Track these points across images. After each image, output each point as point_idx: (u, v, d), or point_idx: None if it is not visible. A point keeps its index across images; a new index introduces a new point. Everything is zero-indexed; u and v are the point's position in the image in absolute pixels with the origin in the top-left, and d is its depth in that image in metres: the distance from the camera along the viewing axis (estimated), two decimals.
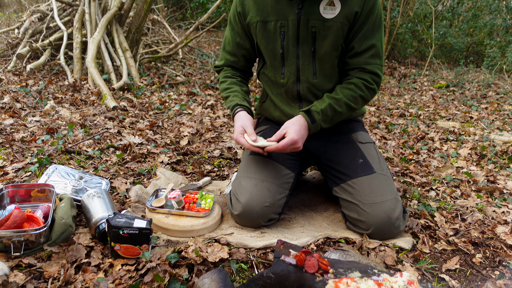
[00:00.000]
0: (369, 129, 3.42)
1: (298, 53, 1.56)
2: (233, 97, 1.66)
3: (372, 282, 1.01)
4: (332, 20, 1.47)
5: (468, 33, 9.09)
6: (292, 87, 1.64)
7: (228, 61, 1.76)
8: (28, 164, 1.94)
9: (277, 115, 1.76)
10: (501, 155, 2.78)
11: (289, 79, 1.62)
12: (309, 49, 1.55)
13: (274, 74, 1.66)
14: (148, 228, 1.29)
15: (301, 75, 1.60)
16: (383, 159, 1.69)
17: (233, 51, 1.72)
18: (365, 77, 1.54)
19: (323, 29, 1.49)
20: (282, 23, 1.53)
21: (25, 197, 1.54)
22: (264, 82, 1.76)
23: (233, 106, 1.63)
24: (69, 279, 1.17)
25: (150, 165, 2.15)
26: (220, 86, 1.75)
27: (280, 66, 1.62)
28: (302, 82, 1.61)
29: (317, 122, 1.52)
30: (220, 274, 1.11)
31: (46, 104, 3.05)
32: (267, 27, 1.56)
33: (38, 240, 1.29)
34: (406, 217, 1.59)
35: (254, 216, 1.52)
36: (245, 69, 1.79)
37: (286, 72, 1.61)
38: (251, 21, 1.58)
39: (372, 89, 1.56)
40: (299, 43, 1.54)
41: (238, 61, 1.75)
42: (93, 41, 3.93)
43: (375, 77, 1.55)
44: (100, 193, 1.52)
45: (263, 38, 1.59)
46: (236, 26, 1.66)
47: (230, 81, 1.73)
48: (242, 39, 1.68)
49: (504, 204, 1.97)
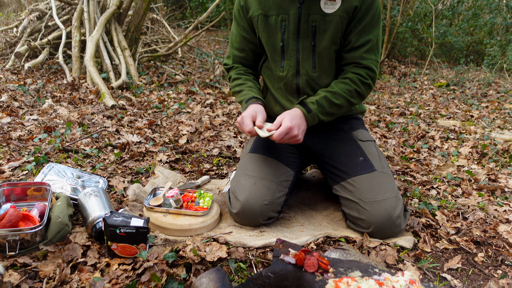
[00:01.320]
0: (369, 127, 3.40)
1: (298, 47, 1.56)
2: (248, 91, 1.64)
3: (373, 281, 0.99)
4: (332, 15, 1.48)
5: (468, 32, 9.06)
6: (291, 80, 1.62)
7: (237, 57, 1.74)
8: (25, 163, 1.92)
9: (277, 110, 1.74)
10: (502, 154, 2.76)
11: (288, 72, 1.61)
12: (309, 43, 1.54)
13: (274, 67, 1.65)
14: (145, 227, 1.27)
15: (300, 68, 1.59)
16: (384, 157, 1.67)
17: (241, 47, 1.71)
18: (360, 72, 1.54)
19: (323, 24, 1.50)
20: (283, 17, 1.53)
21: (21, 196, 1.52)
22: (265, 76, 1.75)
23: (249, 98, 1.60)
24: (64, 279, 1.15)
25: (148, 163, 2.13)
26: (233, 83, 1.72)
27: (280, 59, 1.61)
28: (301, 75, 1.60)
29: (313, 112, 1.50)
30: (218, 273, 1.09)
31: (44, 103, 3.02)
32: (268, 21, 1.56)
33: (33, 239, 1.27)
34: (407, 215, 1.57)
35: (253, 214, 1.50)
36: (254, 65, 1.78)
37: (286, 65, 1.60)
38: (253, 14, 1.59)
39: (367, 84, 1.56)
40: (300, 37, 1.54)
41: (247, 56, 1.73)
42: (91, 40, 3.91)
43: (370, 72, 1.55)
44: (97, 191, 1.50)
45: (264, 32, 1.59)
46: (241, 21, 1.65)
47: (245, 78, 1.71)
48: (248, 34, 1.67)
49: (506, 202, 1.95)
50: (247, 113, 1.50)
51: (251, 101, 1.59)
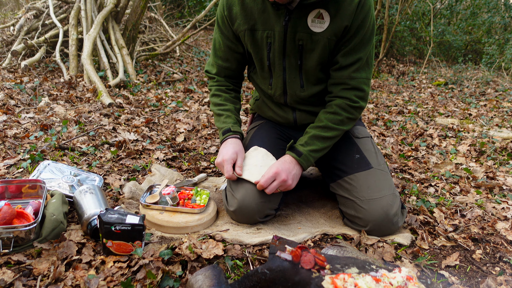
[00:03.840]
0: (367, 126, 3.39)
1: (285, 66, 1.51)
2: (225, 118, 1.59)
3: (370, 278, 0.99)
4: (319, 34, 1.40)
5: (466, 31, 9.07)
6: (279, 98, 1.61)
7: (221, 68, 1.65)
8: (20, 161, 1.91)
9: (269, 116, 1.75)
10: (501, 152, 2.75)
11: (276, 91, 1.59)
12: (295, 62, 1.49)
13: (263, 84, 1.63)
14: (141, 224, 1.26)
15: (288, 89, 1.56)
16: (381, 153, 1.66)
17: (225, 56, 1.62)
18: (348, 95, 1.47)
19: (310, 43, 1.43)
20: (269, 33, 1.45)
21: (16, 193, 1.51)
22: (255, 85, 1.73)
23: (226, 130, 1.57)
24: (59, 277, 1.14)
25: (145, 161, 2.12)
26: (212, 100, 1.67)
27: (268, 76, 1.58)
28: (289, 95, 1.58)
29: (304, 154, 1.46)
30: (214, 270, 1.08)
31: (41, 101, 3.01)
32: (255, 36, 1.49)
33: (28, 236, 1.25)
34: (404, 213, 1.56)
35: (250, 212, 1.49)
36: (238, 74, 1.71)
37: (274, 84, 1.58)
38: (239, 28, 1.50)
39: (357, 107, 1.49)
40: (286, 55, 1.48)
41: (231, 66, 1.65)
42: (88, 38, 3.89)
43: (360, 93, 1.47)
44: (93, 189, 1.49)
45: (252, 47, 1.52)
46: (225, 30, 1.56)
47: (224, 97, 1.64)
48: (233, 43, 1.58)
49: (504, 200, 1.95)
50: (228, 156, 1.48)
51: (228, 135, 1.56)
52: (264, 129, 1.74)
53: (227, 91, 1.67)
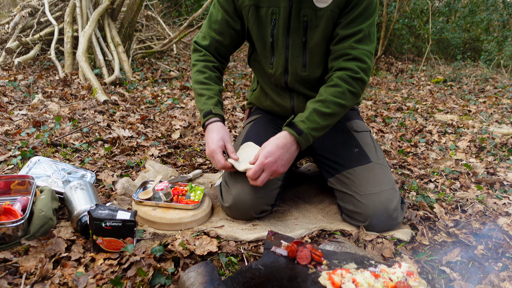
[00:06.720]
0: (366, 122, 3.36)
1: (288, 43, 1.48)
2: (207, 99, 1.51)
3: (368, 273, 0.95)
4: (324, 9, 1.39)
5: (465, 29, 9.04)
6: (279, 78, 1.56)
7: (213, 40, 1.58)
8: (11, 157, 1.86)
9: (267, 105, 1.69)
10: (501, 147, 2.72)
11: (277, 70, 1.54)
12: (300, 39, 1.46)
13: (264, 63, 1.58)
14: (132, 220, 1.22)
15: (289, 67, 1.52)
16: (380, 148, 1.62)
17: (221, 30, 1.56)
18: (350, 66, 1.38)
19: (315, 19, 1.41)
20: (274, 10, 1.44)
21: (5, 190, 1.46)
22: (255, 69, 1.68)
23: (207, 112, 1.49)
24: (46, 274, 1.10)
25: (139, 158, 2.07)
26: (195, 77, 1.57)
27: (270, 55, 1.54)
28: (290, 74, 1.53)
29: (305, 133, 1.35)
30: (207, 267, 1.04)
31: (34, 98, 2.96)
32: (259, 13, 1.47)
33: (15, 233, 1.21)
34: (404, 208, 1.52)
35: (246, 208, 1.45)
36: (227, 53, 1.64)
37: (275, 63, 1.53)
38: (243, 4, 1.48)
39: (359, 79, 1.39)
40: (290, 32, 1.46)
41: (224, 41, 1.57)
42: (84, 35, 3.84)
43: (361, 64, 1.38)
44: (84, 185, 1.45)
45: (255, 25, 1.50)
46: (226, 5, 1.52)
47: (209, 75, 1.56)
48: (232, 19, 1.54)
49: (505, 195, 1.91)
50: (215, 145, 1.41)
51: (209, 118, 1.48)
52: (260, 123, 1.70)
53: (213, 69, 1.58)
